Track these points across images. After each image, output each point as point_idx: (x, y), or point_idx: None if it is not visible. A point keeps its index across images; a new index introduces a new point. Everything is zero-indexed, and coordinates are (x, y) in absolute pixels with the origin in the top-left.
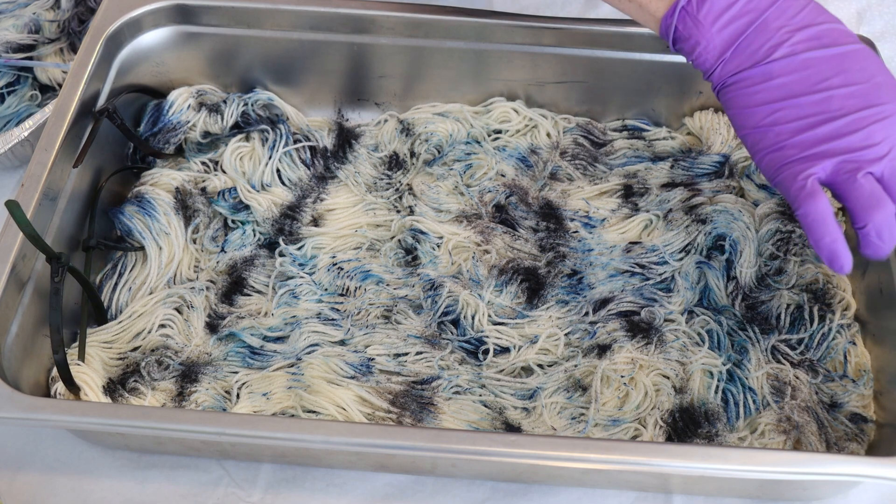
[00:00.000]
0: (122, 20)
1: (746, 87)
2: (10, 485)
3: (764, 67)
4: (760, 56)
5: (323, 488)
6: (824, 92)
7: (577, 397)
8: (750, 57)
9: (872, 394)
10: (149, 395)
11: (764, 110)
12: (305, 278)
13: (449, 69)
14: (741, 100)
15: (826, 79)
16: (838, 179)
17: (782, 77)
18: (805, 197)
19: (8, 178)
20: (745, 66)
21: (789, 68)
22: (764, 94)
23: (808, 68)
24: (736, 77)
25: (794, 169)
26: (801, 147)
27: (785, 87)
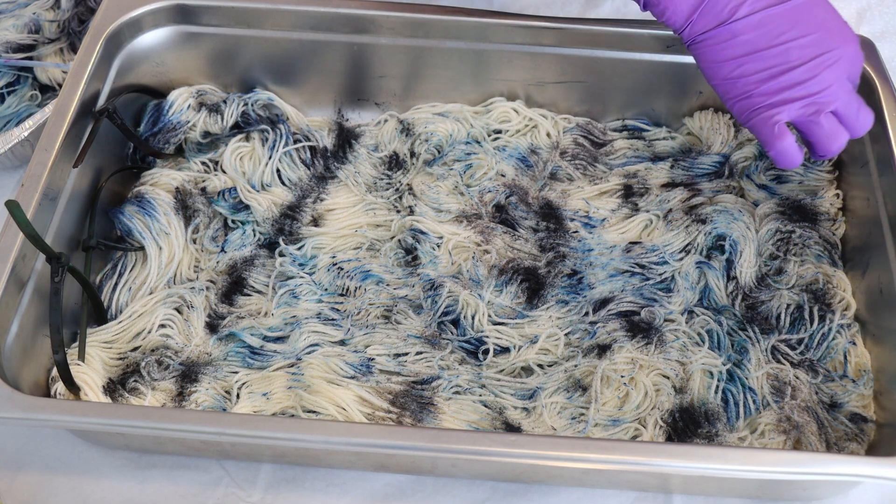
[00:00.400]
0: (122, 20)
1: (714, 44)
2: (10, 485)
3: (728, 27)
4: (724, 16)
5: (323, 488)
6: (783, 45)
7: (577, 397)
8: (715, 17)
9: (872, 394)
10: (149, 395)
11: (731, 64)
12: (305, 278)
13: (449, 69)
14: (710, 55)
15: (783, 32)
16: (802, 120)
17: (745, 34)
18: (775, 139)
19: (8, 178)
20: (711, 26)
21: (750, 25)
22: (730, 50)
23: (767, 24)
24: (703, 36)
25: (763, 115)
26: (766, 95)
27: (748, 43)
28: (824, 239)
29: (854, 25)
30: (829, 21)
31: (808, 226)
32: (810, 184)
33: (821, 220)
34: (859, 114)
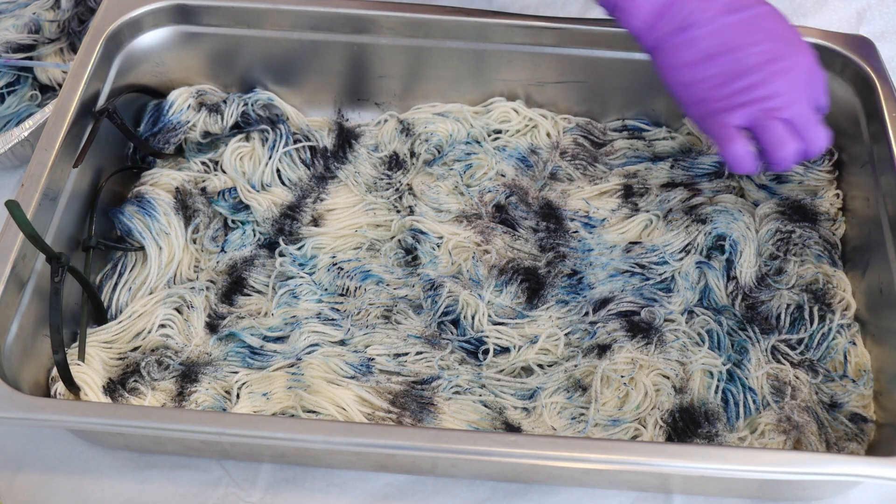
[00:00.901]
0: (122, 20)
1: (672, 50)
2: (10, 485)
3: (685, 35)
4: (684, 24)
5: (323, 488)
6: (737, 52)
7: (577, 397)
8: (675, 25)
9: (872, 394)
10: (149, 395)
11: (688, 70)
12: (305, 278)
13: (449, 69)
14: (668, 62)
15: (738, 39)
16: (753, 125)
17: (702, 42)
18: (726, 142)
19: (8, 178)
20: (671, 32)
21: (707, 33)
22: (687, 56)
23: (723, 32)
24: (663, 42)
25: (717, 118)
26: (719, 99)
27: (705, 50)
28: (824, 239)
29: (854, 25)
30: (784, 32)
31: (808, 226)
32: (810, 184)
33: (821, 220)
34: (814, 129)
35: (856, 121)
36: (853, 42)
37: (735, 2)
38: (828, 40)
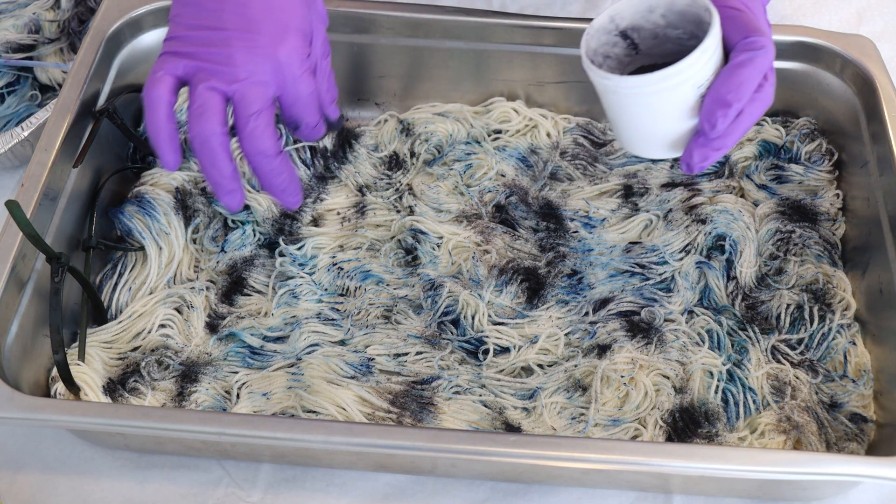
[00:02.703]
0: (122, 20)
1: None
2: (10, 485)
3: None
4: None
5: (323, 488)
6: (221, 3)
7: (577, 397)
8: None
9: (872, 394)
10: (149, 395)
11: (180, 2)
12: (305, 278)
13: (449, 69)
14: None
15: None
16: (190, 83)
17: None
18: (149, 83)
19: (8, 178)
20: None
21: None
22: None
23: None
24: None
25: (162, 59)
26: (179, 42)
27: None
28: (824, 239)
29: (854, 25)
30: (282, 15)
31: (808, 226)
32: (810, 184)
33: (821, 220)
34: (251, 121)
35: (856, 121)
36: (853, 42)
37: None
38: (828, 40)
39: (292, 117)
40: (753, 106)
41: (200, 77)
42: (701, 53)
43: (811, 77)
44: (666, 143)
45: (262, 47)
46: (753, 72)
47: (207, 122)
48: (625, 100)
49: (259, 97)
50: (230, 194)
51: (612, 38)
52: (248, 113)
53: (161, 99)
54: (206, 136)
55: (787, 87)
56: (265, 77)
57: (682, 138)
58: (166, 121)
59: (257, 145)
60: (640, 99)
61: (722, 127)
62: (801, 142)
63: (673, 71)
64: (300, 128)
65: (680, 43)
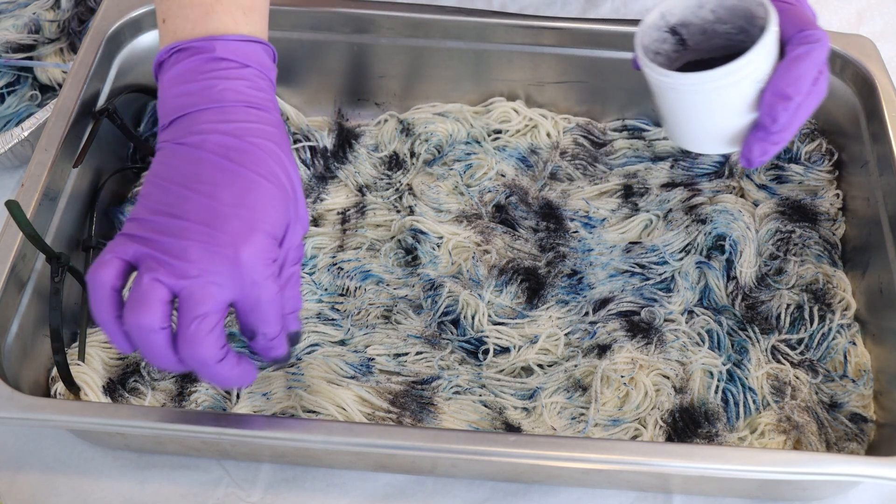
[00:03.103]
0: (122, 20)
1: (158, 158)
2: (10, 485)
3: (172, 146)
4: (177, 136)
5: (323, 488)
6: (188, 191)
7: (577, 397)
8: (174, 133)
9: (872, 394)
10: (149, 395)
11: (150, 183)
12: (305, 278)
13: (449, 69)
14: (150, 169)
15: (199, 182)
16: (137, 269)
17: (175, 160)
18: (95, 266)
19: (8, 178)
20: (167, 140)
21: (185, 156)
22: (159, 168)
23: (196, 164)
24: (159, 147)
25: (114, 241)
26: (137, 226)
27: (171, 170)
28: (824, 239)
29: (854, 25)
30: (252, 214)
31: (808, 226)
32: (810, 184)
33: (821, 220)
34: (193, 324)
35: (856, 121)
36: (853, 42)
37: (234, 149)
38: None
39: (248, 325)
40: (810, 99)
41: (148, 265)
42: (762, 48)
43: None
44: (723, 139)
45: (222, 245)
46: (811, 65)
47: (145, 315)
48: (683, 96)
49: (208, 299)
50: (202, 365)
51: (662, 35)
52: (193, 315)
53: (105, 284)
54: (143, 331)
55: None
56: (220, 278)
57: (740, 133)
58: (110, 307)
59: (197, 351)
60: (700, 96)
61: (783, 121)
62: (801, 142)
63: (735, 67)
64: (256, 338)
65: (728, 38)
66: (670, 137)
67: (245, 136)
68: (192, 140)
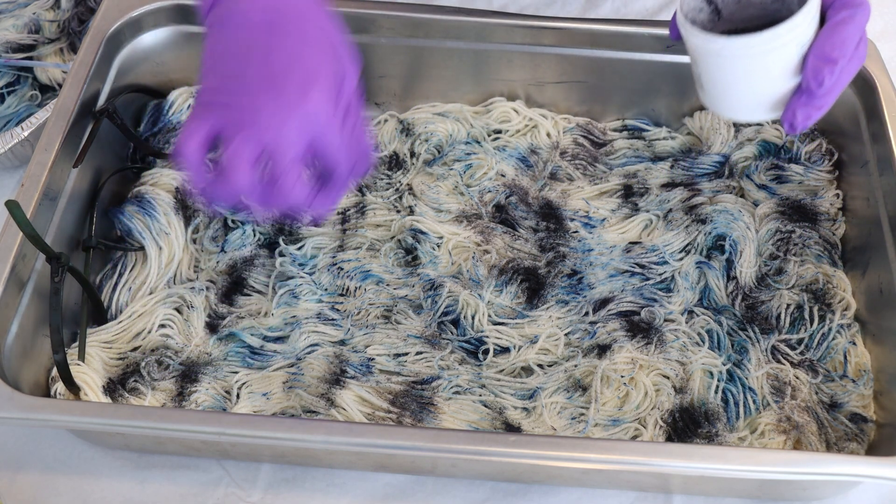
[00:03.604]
0: (122, 20)
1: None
2: (10, 485)
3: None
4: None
5: (323, 488)
6: (249, 57)
7: (577, 397)
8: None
9: (872, 394)
10: (149, 395)
11: (210, 58)
12: (305, 278)
13: (449, 69)
14: (204, 46)
15: (256, 46)
16: (222, 136)
17: (229, 33)
18: (182, 138)
19: (8, 178)
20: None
21: (237, 27)
22: (215, 44)
23: (250, 31)
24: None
25: (193, 113)
26: (209, 96)
27: (227, 42)
28: (824, 239)
29: None
30: (309, 65)
31: (808, 226)
32: (810, 184)
33: (821, 220)
34: (282, 176)
35: (856, 121)
36: None
37: (279, 11)
38: None
39: (325, 167)
40: (852, 63)
41: (232, 132)
42: (808, 12)
43: None
44: (765, 105)
45: (291, 101)
46: (855, 28)
47: (241, 176)
48: (727, 62)
49: (289, 149)
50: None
51: (699, 4)
52: (280, 166)
53: (195, 153)
54: (241, 189)
55: None
56: (294, 129)
57: (782, 99)
58: (203, 172)
59: (288, 198)
60: (745, 61)
61: (828, 84)
62: (801, 142)
63: (783, 30)
64: (332, 177)
65: (763, 7)
66: (709, 106)
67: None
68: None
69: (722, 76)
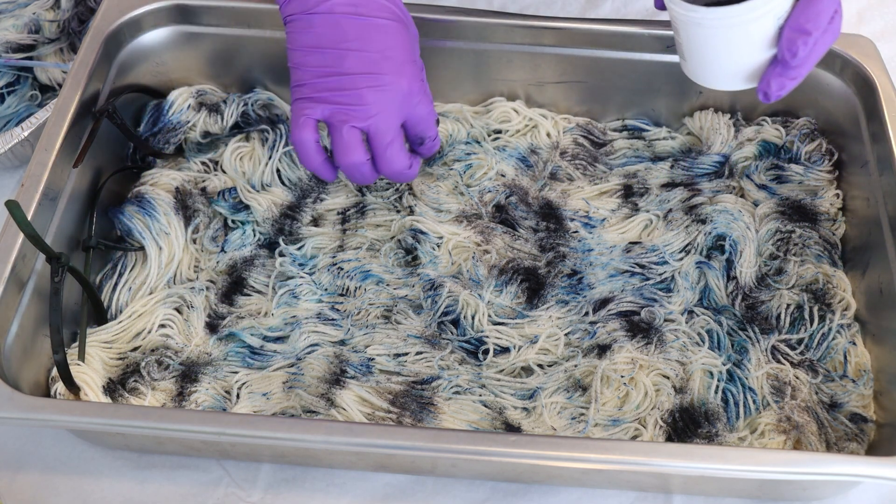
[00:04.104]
0: (122, 20)
1: (295, 29)
2: (10, 485)
3: (307, 16)
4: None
5: (323, 488)
6: (342, 50)
7: (577, 397)
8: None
9: (872, 394)
10: (149, 395)
11: (300, 52)
12: (305, 278)
13: (449, 69)
14: (291, 39)
15: (347, 40)
16: (329, 123)
17: (317, 28)
18: (296, 128)
19: (8, 178)
20: (297, 12)
21: (324, 21)
22: (303, 38)
23: (338, 27)
24: (291, 18)
25: (300, 105)
26: (311, 89)
27: (317, 37)
28: (824, 239)
29: (854, 26)
30: (397, 53)
31: (808, 226)
32: (810, 184)
33: (821, 220)
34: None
35: (856, 121)
36: (853, 42)
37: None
38: None
39: (417, 136)
40: (826, 36)
41: (339, 118)
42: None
43: (811, 77)
44: (742, 75)
45: (388, 84)
46: (829, 2)
47: (353, 156)
48: (707, 31)
49: (391, 128)
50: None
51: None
52: (384, 143)
53: (308, 140)
54: (355, 167)
55: None
56: (392, 109)
57: (758, 70)
58: (317, 154)
59: (394, 167)
60: (724, 31)
61: (802, 55)
62: (801, 142)
63: (760, 2)
64: (424, 143)
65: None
66: (690, 75)
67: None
68: (322, 8)
69: (702, 46)
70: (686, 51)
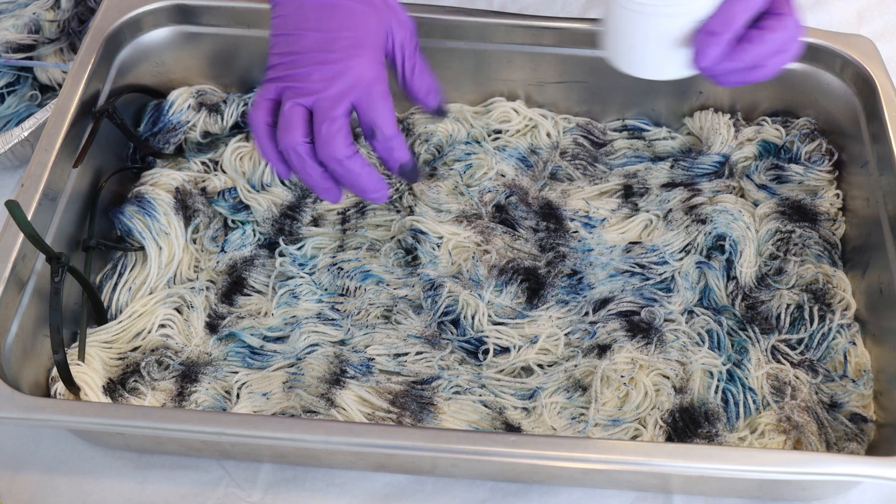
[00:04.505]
0: (122, 20)
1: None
2: (10, 485)
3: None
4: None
5: (323, 488)
6: (303, 31)
7: (577, 397)
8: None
9: (872, 394)
10: (149, 395)
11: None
12: (305, 278)
13: (449, 69)
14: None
15: (307, 20)
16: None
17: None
18: (252, 108)
19: (8, 178)
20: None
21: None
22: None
23: (302, 9)
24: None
25: (264, 86)
26: (273, 71)
27: (285, 20)
28: (824, 239)
29: (854, 26)
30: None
31: (808, 226)
32: (810, 184)
33: (821, 220)
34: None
35: (856, 121)
36: (853, 42)
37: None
38: (828, 40)
39: (367, 124)
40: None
41: (287, 96)
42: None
43: (811, 77)
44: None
45: (335, 61)
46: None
47: (291, 133)
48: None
49: (333, 105)
50: (325, 192)
51: None
52: (322, 120)
53: (260, 121)
54: (292, 146)
55: (787, 87)
56: (337, 87)
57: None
58: (268, 138)
59: (330, 148)
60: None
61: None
62: (801, 142)
63: None
64: (375, 136)
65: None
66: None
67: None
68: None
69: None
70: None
